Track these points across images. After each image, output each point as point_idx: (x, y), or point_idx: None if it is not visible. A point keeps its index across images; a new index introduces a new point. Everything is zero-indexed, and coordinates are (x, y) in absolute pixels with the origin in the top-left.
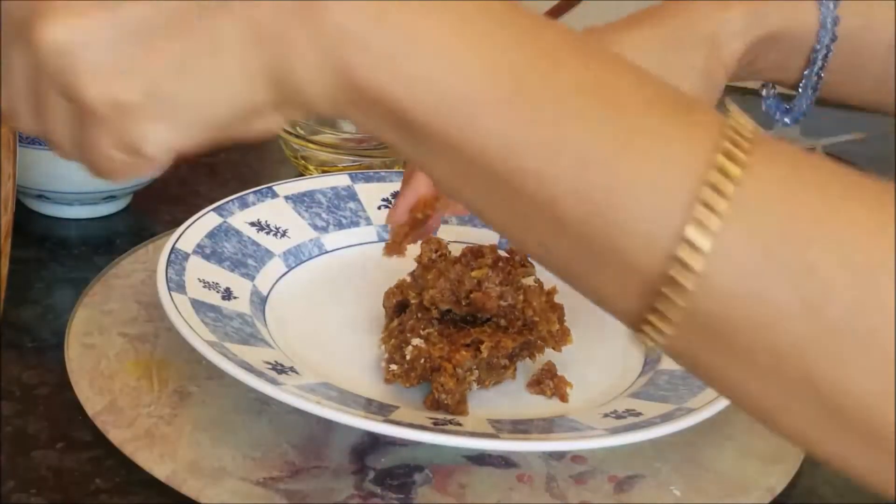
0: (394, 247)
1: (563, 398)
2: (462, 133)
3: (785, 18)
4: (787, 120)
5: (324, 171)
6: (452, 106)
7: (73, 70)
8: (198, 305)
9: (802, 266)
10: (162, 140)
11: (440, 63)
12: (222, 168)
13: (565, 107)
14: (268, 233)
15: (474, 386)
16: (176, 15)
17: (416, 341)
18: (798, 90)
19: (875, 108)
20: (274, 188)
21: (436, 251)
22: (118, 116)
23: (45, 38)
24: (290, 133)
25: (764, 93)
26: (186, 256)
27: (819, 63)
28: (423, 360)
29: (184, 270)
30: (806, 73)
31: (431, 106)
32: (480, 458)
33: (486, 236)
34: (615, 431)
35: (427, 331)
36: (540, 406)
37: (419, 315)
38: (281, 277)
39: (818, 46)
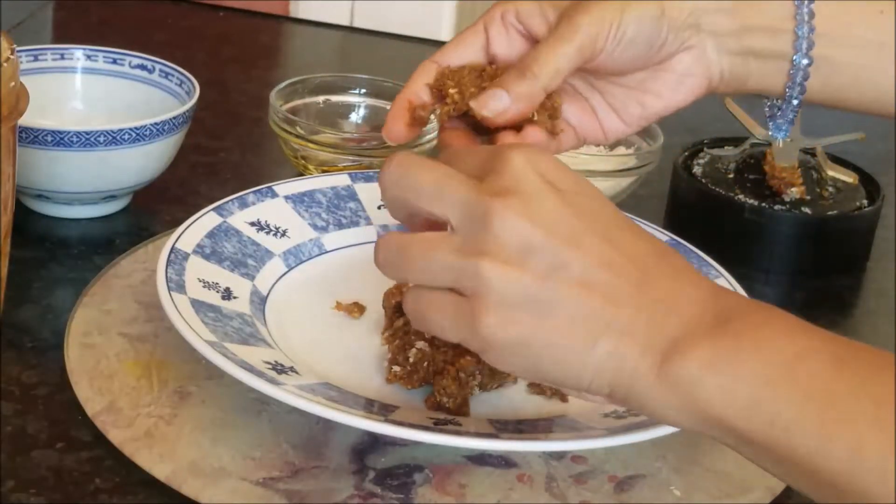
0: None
1: (563, 398)
2: (781, 444)
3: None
4: (779, 132)
5: (324, 171)
6: (780, 427)
7: (487, 291)
8: (198, 305)
9: None
10: (501, 366)
11: (777, 403)
12: (222, 168)
13: (866, 418)
14: (268, 233)
15: (476, 390)
16: (574, 311)
17: (420, 344)
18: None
19: (874, 114)
20: (274, 188)
21: None
22: (484, 343)
23: (483, 271)
24: (290, 133)
25: (767, 103)
26: (186, 256)
27: (799, 80)
28: (426, 364)
29: (184, 270)
30: (788, 85)
31: (760, 427)
32: (480, 458)
33: None
34: (615, 431)
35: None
36: (540, 406)
37: None
38: (281, 277)
39: (794, 67)
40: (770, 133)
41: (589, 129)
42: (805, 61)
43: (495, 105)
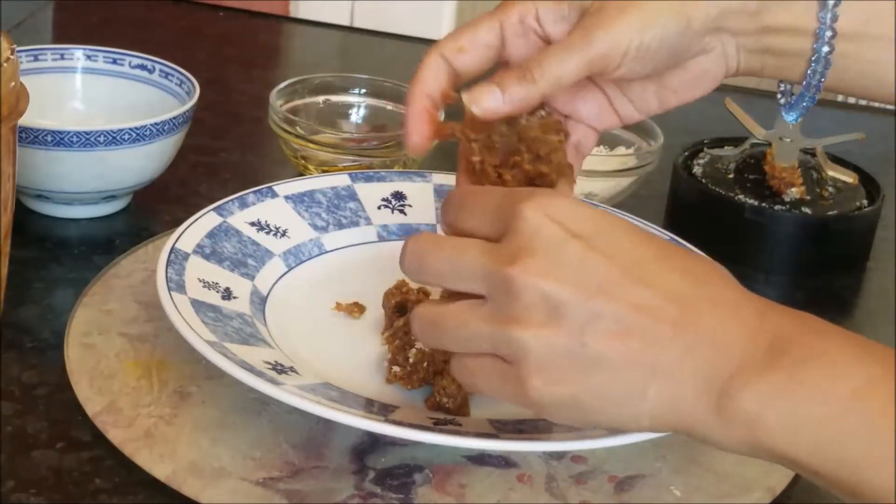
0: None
1: None
2: (851, 481)
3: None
4: (790, 117)
5: (324, 171)
6: (850, 466)
7: (526, 355)
8: (198, 305)
9: None
10: (560, 422)
11: (843, 441)
12: (222, 168)
13: None
14: (268, 233)
15: None
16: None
17: (419, 344)
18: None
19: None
20: (274, 188)
21: None
22: (536, 405)
23: (517, 337)
24: (290, 133)
25: (781, 88)
26: (186, 256)
27: (821, 67)
28: (425, 364)
29: (184, 270)
30: (808, 75)
31: (829, 465)
32: (480, 458)
33: None
34: (615, 431)
35: None
36: None
37: None
38: (281, 277)
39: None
40: (783, 115)
41: (606, 118)
42: (825, 49)
43: (487, 102)
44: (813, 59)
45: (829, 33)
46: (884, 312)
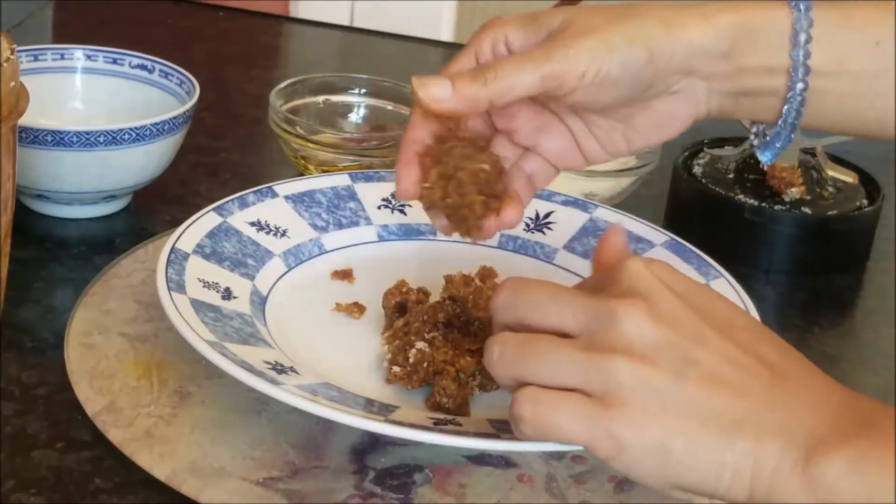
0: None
1: None
2: None
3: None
4: (765, 157)
5: (324, 171)
6: None
7: (618, 388)
8: (198, 305)
9: None
10: (633, 472)
11: None
12: (222, 168)
13: None
14: (268, 233)
15: (476, 391)
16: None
17: (420, 345)
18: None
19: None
20: (274, 188)
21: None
22: (618, 446)
23: (616, 366)
24: (290, 133)
25: (753, 129)
26: (186, 256)
27: (796, 105)
28: (426, 364)
29: (184, 270)
30: (781, 117)
31: None
32: (480, 458)
33: None
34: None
35: (432, 335)
36: None
37: (425, 318)
38: (281, 277)
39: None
40: (758, 155)
41: (570, 157)
42: (800, 86)
43: (435, 92)
44: (788, 96)
45: (802, 70)
46: (884, 312)
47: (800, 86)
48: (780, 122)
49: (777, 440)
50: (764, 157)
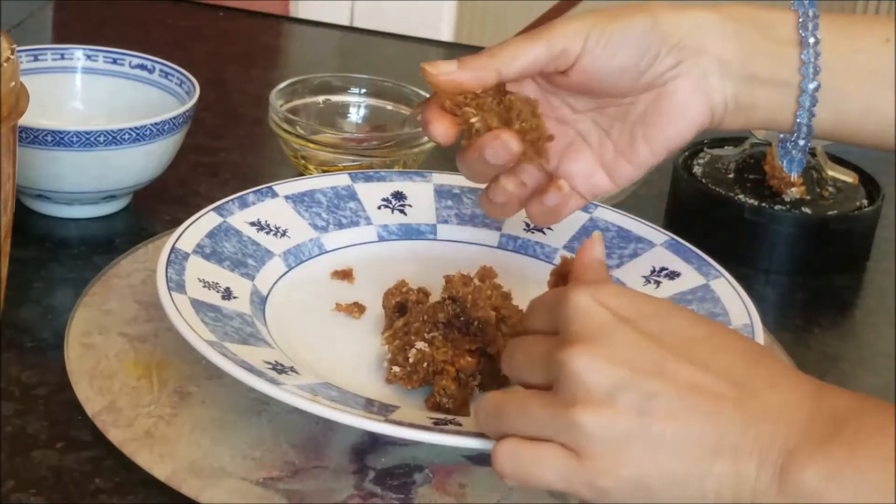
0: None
1: None
2: None
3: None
4: (793, 168)
5: (324, 171)
6: None
7: (586, 440)
8: (198, 305)
9: None
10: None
11: None
12: (222, 168)
13: None
14: (268, 232)
15: (476, 391)
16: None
17: (420, 345)
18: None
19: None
20: (274, 188)
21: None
22: (601, 492)
23: (576, 419)
24: (290, 133)
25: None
26: (186, 256)
27: (808, 106)
28: (426, 364)
29: (184, 270)
30: (798, 113)
31: None
32: (480, 458)
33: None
34: None
35: (432, 335)
36: None
37: (424, 318)
38: (281, 277)
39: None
40: (785, 169)
41: (598, 182)
42: (812, 85)
43: (443, 65)
44: (802, 83)
45: (812, 54)
46: (884, 312)
47: (811, 69)
48: (795, 125)
49: (753, 458)
50: (793, 169)
